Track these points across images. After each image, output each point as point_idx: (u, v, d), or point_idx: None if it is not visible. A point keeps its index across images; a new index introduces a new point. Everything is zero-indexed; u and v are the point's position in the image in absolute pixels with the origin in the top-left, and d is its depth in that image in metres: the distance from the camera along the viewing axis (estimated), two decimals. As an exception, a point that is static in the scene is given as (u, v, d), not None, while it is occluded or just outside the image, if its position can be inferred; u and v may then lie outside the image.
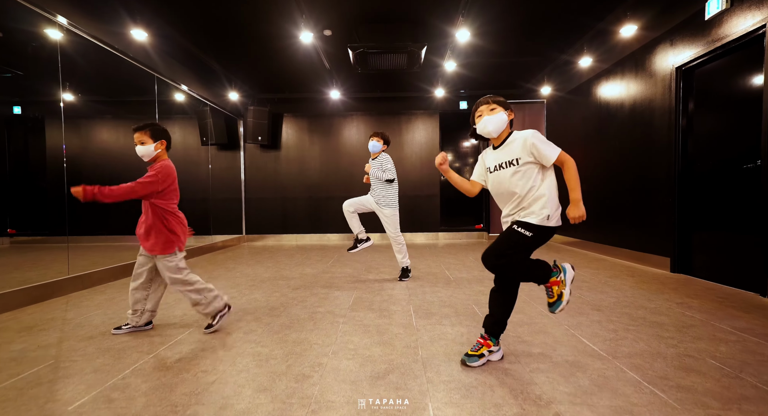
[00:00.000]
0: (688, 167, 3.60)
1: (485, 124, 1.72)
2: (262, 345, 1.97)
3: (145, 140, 2.17)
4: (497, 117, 1.71)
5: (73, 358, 1.80)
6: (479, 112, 1.76)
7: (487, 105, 1.74)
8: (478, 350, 1.72)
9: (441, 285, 3.27)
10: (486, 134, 1.75)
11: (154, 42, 4.30)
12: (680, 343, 1.89)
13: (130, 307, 2.17)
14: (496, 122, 1.71)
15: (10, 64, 4.64)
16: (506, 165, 1.71)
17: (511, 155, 1.70)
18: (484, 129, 1.74)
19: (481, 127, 1.74)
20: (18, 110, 5.99)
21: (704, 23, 3.30)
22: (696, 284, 3.21)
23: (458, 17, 3.79)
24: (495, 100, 1.74)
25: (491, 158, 1.80)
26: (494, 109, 1.72)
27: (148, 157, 2.19)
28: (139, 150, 2.18)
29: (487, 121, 1.71)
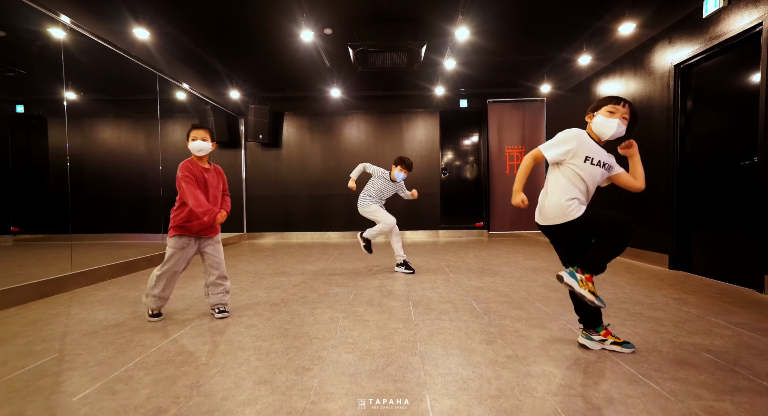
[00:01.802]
0: (686, 165, 3.61)
1: (614, 126, 1.67)
2: (263, 339, 2.00)
3: (207, 137, 2.37)
4: (623, 128, 1.70)
5: (77, 352, 1.84)
6: (615, 109, 1.69)
7: (625, 109, 1.70)
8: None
9: (440, 282, 3.30)
10: (601, 133, 1.72)
11: (156, 41, 4.33)
12: (676, 337, 1.92)
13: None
14: (619, 132, 1.69)
15: (13, 63, 4.68)
16: (602, 166, 1.74)
17: (610, 160, 1.76)
18: (606, 128, 1.68)
19: (608, 125, 1.68)
20: (21, 108, 6.04)
21: (702, 21, 3.32)
22: (694, 280, 3.23)
23: (458, 16, 3.81)
24: (632, 112, 1.73)
25: (599, 152, 1.73)
26: (626, 118, 1.71)
27: (204, 152, 2.37)
28: (199, 145, 2.33)
29: (618, 126, 1.67)
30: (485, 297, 2.76)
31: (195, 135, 2.35)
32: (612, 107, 1.70)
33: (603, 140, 1.74)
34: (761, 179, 2.77)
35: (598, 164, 1.72)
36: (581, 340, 1.85)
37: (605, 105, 1.72)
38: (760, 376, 1.50)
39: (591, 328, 1.81)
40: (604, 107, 1.72)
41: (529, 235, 6.84)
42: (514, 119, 6.80)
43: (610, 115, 1.69)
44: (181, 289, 3.13)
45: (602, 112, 1.72)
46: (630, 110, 1.72)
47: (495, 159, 6.79)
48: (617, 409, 1.29)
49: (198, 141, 2.33)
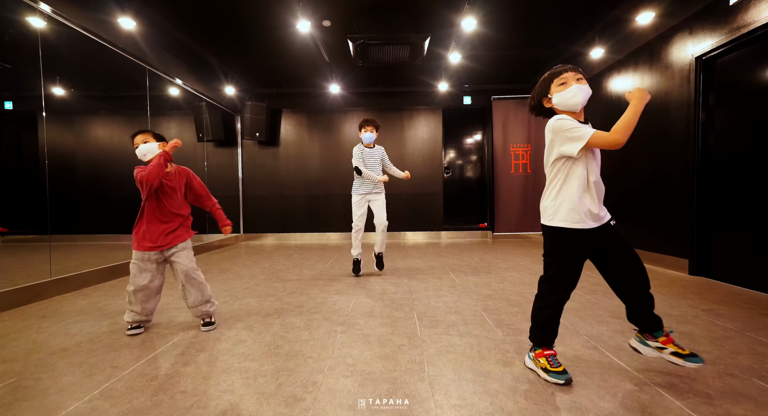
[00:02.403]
0: (707, 163, 3.39)
1: (576, 92, 1.47)
2: (252, 358, 1.78)
3: (149, 139, 2.20)
4: (586, 88, 1.49)
5: (39, 375, 1.62)
6: (563, 79, 1.51)
7: (573, 73, 1.51)
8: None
9: (446, 289, 3.08)
10: (569, 106, 1.51)
11: (143, 32, 4.10)
12: (718, 359, 1.69)
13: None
14: (586, 94, 1.49)
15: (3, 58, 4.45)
16: None
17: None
18: (571, 99, 1.49)
19: (568, 95, 1.49)
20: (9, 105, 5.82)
21: (728, 9, 3.09)
22: (719, 288, 3.00)
23: (464, 5, 3.59)
24: (580, 71, 1.53)
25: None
26: (581, 78, 1.51)
27: (151, 154, 2.17)
28: (144, 148, 2.16)
29: (579, 89, 1.48)
30: (496, 307, 2.54)
31: (135, 141, 2.19)
32: (559, 78, 1.53)
33: (578, 111, 1.53)
34: (797, 179, 2.54)
35: None
36: (633, 343, 1.62)
37: (551, 83, 1.56)
38: (831, 412, 1.28)
39: (647, 332, 1.56)
40: (552, 84, 1.55)
41: (535, 236, 6.61)
42: (520, 117, 6.57)
43: (563, 87, 1.51)
44: (168, 297, 2.91)
45: (555, 90, 1.54)
46: (580, 71, 1.53)
47: (500, 158, 6.56)
48: (671, 457, 1.07)
49: (140, 146, 2.17)
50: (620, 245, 1.53)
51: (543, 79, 1.59)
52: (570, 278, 1.57)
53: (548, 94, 1.58)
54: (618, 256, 1.53)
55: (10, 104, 5.84)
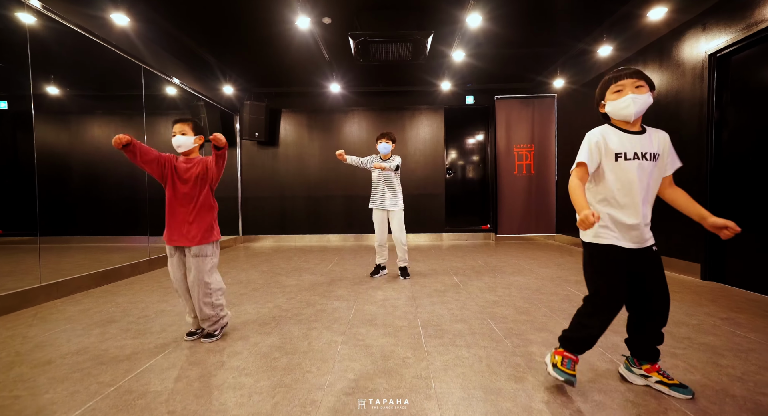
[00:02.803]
0: (721, 164, 3.27)
1: (629, 103, 1.37)
2: (247, 373, 1.67)
3: (187, 131, 2.09)
4: (644, 98, 1.37)
5: (18, 392, 1.51)
6: (619, 86, 1.41)
7: (632, 79, 1.39)
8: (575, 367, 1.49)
9: (450, 294, 2.97)
10: (622, 116, 1.41)
11: (138, 28, 3.99)
12: (745, 375, 1.58)
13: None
14: (642, 104, 1.38)
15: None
16: (650, 157, 1.40)
17: (654, 147, 1.41)
18: (623, 110, 1.39)
19: (621, 106, 1.39)
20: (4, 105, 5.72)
21: (744, 4, 2.97)
22: (734, 294, 2.89)
23: (469, 0, 3.47)
24: (643, 76, 1.40)
25: (627, 142, 1.42)
26: (641, 86, 1.39)
27: (185, 148, 2.09)
28: (178, 140, 2.07)
29: (633, 100, 1.37)
30: (503, 315, 2.43)
31: (174, 130, 2.09)
32: (616, 85, 1.43)
33: (631, 121, 1.42)
34: (819, 181, 2.43)
35: (636, 157, 1.40)
36: (621, 369, 1.58)
37: (607, 89, 1.46)
38: None
39: (636, 357, 1.51)
40: (608, 90, 1.46)
41: (539, 238, 6.50)
42: (523, 117, 6.45)
43: (618, 95, 1.42)
44: (162, 303, 2.80)
45: (609, 97, 1.45)
46: (641, 77, 1.41)
47: (503, 158, 6.44)
48: None
49: (176, 136, 2.08)
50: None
51: (602, 83, 1.50)
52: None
53: (603, 100, 1.49)
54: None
55: (5, 104, 5.74)
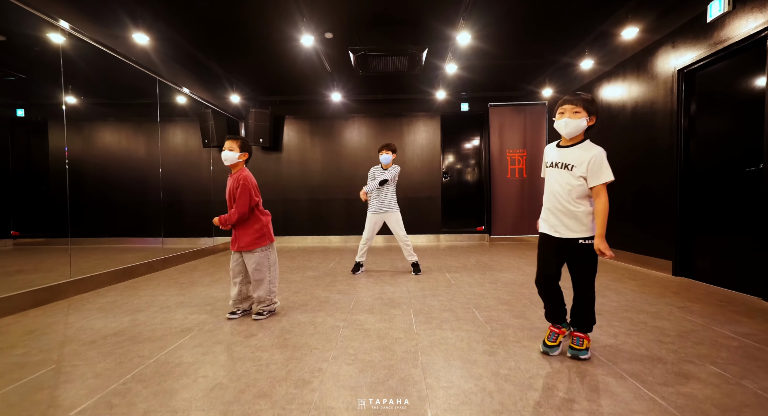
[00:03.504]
0: (690, 170, 3.59)
1: (564, 125, 1.77)
2: (263, 349, 1.98)
3: (234, 147, 2.49)
4: (576, 123, 1.76)
5: (75, 363, 1.81)
6: (562, 110, 1.80)
7: (572, 106, 1.77)
8: (556, 340, 1.86)
9: (442, 289, 3.27)
10: (562, 133, 1.81)
11: (155, 45, 4.32)
12: (681, 349, 1.89)
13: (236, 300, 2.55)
14: (573, 127, 1.77)
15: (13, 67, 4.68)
16: (562, 167, 1.80)
17: (572, 159, 1.78)
18: (561, 129, 1.79)
19: (559, 126, 1.80)
20: (21, 112, 6.04)
21: (706, 26, 3.30)
22: (698, 287, 3.20)
23: (459, 20, 3.80)
24: (581, 101, 1.76)
25: (554, 154, 1.86)
26: (578, 112, 1.76)
27: (230, 162, 2.51)
28: (225, 155, 2.48)
29: (567, 123, 1.77)
30: (487, 305, 2.74)
31: (225, 145, 2.52)
32: (560, 109, 1.82)
33: (569, 138, 1.83)
34: (767, 186, 2.74)
35: (554, 165, 1.83)
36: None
37: (556, 110, 1.85)
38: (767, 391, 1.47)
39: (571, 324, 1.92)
40: (556, 111, 1.84)
41: (531, 239, 6.81)
42: (516, 123, 6.78)
43: (559, 117, 1.81)
44: (181, 297, 3.11)
45: (556, 117, 1.84)
46: (581, 103, 1.76)
47: (496, 163, 6.76)
48: (623, 426, 1.26)
49: (224, 151, 2.50)
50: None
51: (557, 104, 1.88)
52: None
53: (554, 117, 1.87)
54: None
55: (22, 112, 6.07)
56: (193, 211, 6.41)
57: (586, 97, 1.77)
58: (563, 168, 1.79)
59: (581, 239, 1.80)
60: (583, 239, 1.80)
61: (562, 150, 1.83)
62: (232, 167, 2.55)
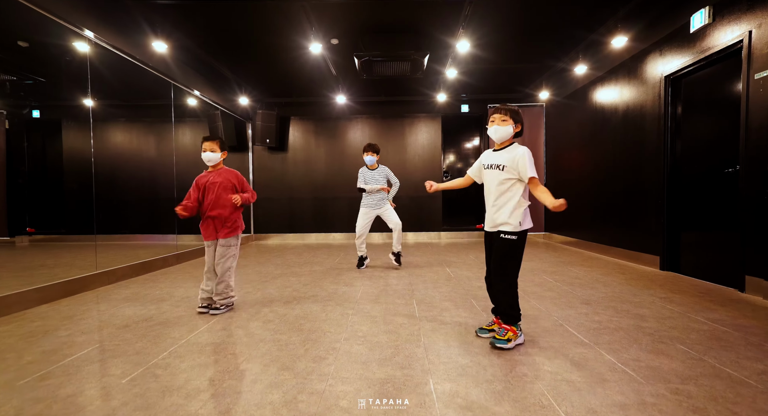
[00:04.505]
0: (676, 170, 3.80)
1: (494, 131, 2.03)
2: (281, 332, 2.20)
3: (215, 148, 2.63)
4: (504, 129, 2.01)
5: (116, 342, 2.04)
6: (492, 118, 2.04)
7: (500, 115, 2.02)
8: (491, 326, 2.08)
9: (442, 281, 3.49)
10: (493, 138, 2.06)
11: (172, 52, 4.55)
12: (656, 332, 2.11)
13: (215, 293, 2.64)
14: (502, 133, 2.02)
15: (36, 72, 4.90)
16: (495, 167, 2.04)
17: (502, 161, 2.02)
18: (492, 134, 2.05)
19: (490, 132, 2.06)
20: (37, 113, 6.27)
21: (690, 35, 3.51)
22: (682, 281, 3.41)
23: (458, 29, 4.01)
24: (509, 112, 2.01)
25: (489, 157, 2.11)
26: (505, 120, 2.01)
27: (213, 162, 2.65)
28: (207, 156, 2.62)
29: (496, 130, 2.02)
30: (484, 296, 2.96)
31: (204, 147, 2.64)
32: (490, 118, 2.06)
33: (499, 144, 2.07)
34: (742, 186, 2.96)
35: (489, 166, 2.07)
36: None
37: (488, 118, 2.10)
38: (724, 364, 1.69)
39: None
40: (488, 119, 2.08)
41: (529, 236, 7.02)
42: (514, 124, 6.98)
43: (490, 124, 2.05)
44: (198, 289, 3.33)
45: (488, 124, 2.09)
46: (507, 113, 2.01)
47: (495, 163, 6.98)
48: (595, 391, 1.48)
49: (206, 152, 2.63)
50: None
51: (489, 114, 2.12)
52: None
53: (487, 125, 2.13)
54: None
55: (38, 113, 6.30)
56: (202, 209, 6.62)
57: (512, 108, 2.04)
58: (495, 168, 2.03)
59: (503, 234, 1.98)
60: (504, 232, 1.98)
61: (495, 153, 2.08)
62: (214, 165, 2.68)
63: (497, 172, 2.02)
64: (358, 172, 4.19)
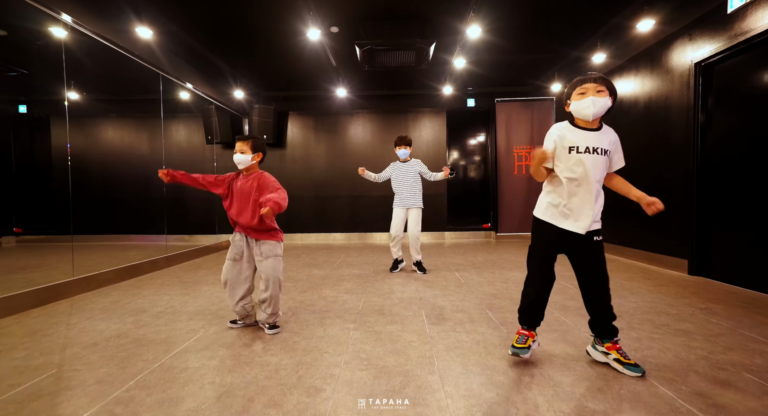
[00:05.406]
0: (707, 165, 3.48)
1: (590, 104, 1.59)
2: (272, 353, 1.90)
3: (245, 150, 2.28)
4: (603, 101, 1.60)
5: (77, 367, 1.74)
6: (583, 89, 1.63)
7: (595, 84, 1.62)
8: (526, 342, 1.73)
9: (452, 288, 3.19)
10: (582, 115, 1.64)
11: (159, 40, 4.23)
12: (711, 354, 1.80)
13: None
14: (600, 106, 1.61)
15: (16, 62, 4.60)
16: (601, 152, 1.64)
17: (606, 143, 1.66)
18: (584, 110, 1.62)
19: (583, 106, 1.61)
20: (24, 109, 5.98)
21: (726, 17, 3.18)
22: (716, 287, 3.10)
23: (469, 13, 3.69)
24: (605, 82, 1.64)
25: (582, 137, 1.65)
26: (601, 91, 1.62)
27: (243, 165, 2.29)
28: (238, 158, 2.27)
29: (594, 101, 1.59)
30: (500, 306, 2.65)
31: (235, 147, 2.32)
32: (580, 88, 1.65)
33: (592, 120, 1.66)
34: (791, 183, 2.64)
35: (587, 150, 1.64)
36: (588, 348, 1.79)
37: (573, 90, 1.68)
38: (812, 402, 1.38)
39: (599, 337, 1.73)
40: (574, 92, 1.68)
41: (538, 237, 6.71)
42: (523, 119, 6.67)
43: (581, 97, 1.64)
44: (185, 296, 3.04)
45: (574, 98, 1.68)
46: (603, 83, 1.64)
47: (503, 159, 6.66)
48: (661, 441, 1.18)
49: (236, 154, 2.30)
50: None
51: (570, 84, 1.72)
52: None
53: (569, 100, 1.71)
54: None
55: (24, 108, 6.01)
56: (196, 208, 6.34)
57: (606, 78, 1.66)
58: (598, 153, 1.62)
59: (597, 236, 1.70)
60: (598, 233, 1.70)
61: (590, 134, 1.65)
62: (246, 168, 2.33)
63: (601, 158, 1.62)
64: (389, 166, 3.97)
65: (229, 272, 2.26)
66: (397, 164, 3.93)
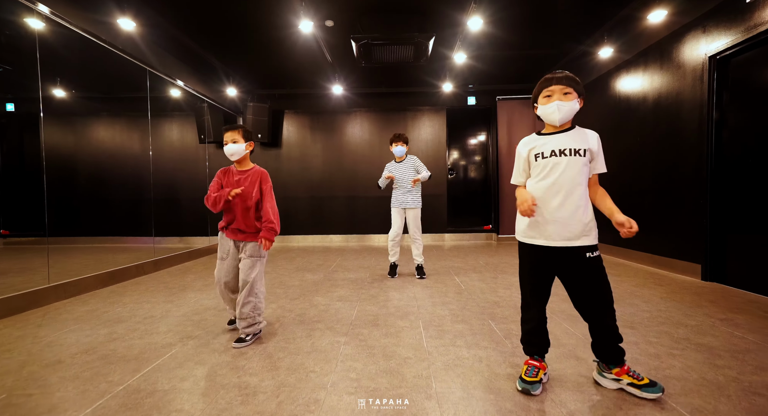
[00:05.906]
0: (722, 165, 3.29)
1: (555, 108, 1.45)
2: (252, 372, 1.71)
3: (237, 138, 2.13)
4: (569, 105, 1.45)
5: (31, 391, 1.55)
6: (549, 91, 1.48)
7: (560, 86, 1.46)
8: (537, 375, 1.52)
9: (452, 295, 3.00)
10: (550, 121, 1.49)
11: (143, 33, 4.04)
12: (741, 375, 1.61)
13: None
14: (567, 111, 1.46)
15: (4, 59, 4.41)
16: (572, 153, 1.46)
17: (580, 143, 1.47)
18: (551, 115, 1.47)
19: (549, 110, 1.47)
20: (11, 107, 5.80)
21: (744, 7, 2.99)
22: (734, 295, 2.91)
23: (470, 4, 3.50)
24: (570, 81, 1.47)
25: (550, 142, 1.50)
26: (569, 93, 1.46)
27: (237, 156, 2.15)
28: (230, 149, 2.13)
29: (559, 106, 1.45)
30: (503, 316, 2.46)
31: (225, 138, 2.14)
32: (546, 90, 1.50)
33: (559, 125, 1.51)
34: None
35: (553, 153, 1.48)
36: (595, 375, 1.59)
37: (539, 93, 1.53)
38: None
39: (605, 363, 1.53)
40: (540, 95, 1.53)
41: (541, 238, 6.52)
42: (525, 117, 6.48)
43: (547, 100, 1.50)
44: (168, 303, 2.85)
45: (540, 101, 1.52)
46: (570, 83, 1.47)
47: (504, 159, 6.47)
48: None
49: (228, 145, 2.12)
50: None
51: (537, 84, 1.55)
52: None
53: (536, 103, 1.56)
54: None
55: (12, 106, 5.82)
56: (188, 209, 6.15)
57: (573, 77, 1.49)
58: (571, 155, 1.46)
59: (590, 252, 1.48)
60: (590, 249, 1.48)
61: (558, 137, 1.50)
62: (238, 162, 2.19)
63: (575, 159, 1.45)
64: (385, 167, 3.78)
65: (219, 271, 2.14)
66: (392, 165, 3.76)
